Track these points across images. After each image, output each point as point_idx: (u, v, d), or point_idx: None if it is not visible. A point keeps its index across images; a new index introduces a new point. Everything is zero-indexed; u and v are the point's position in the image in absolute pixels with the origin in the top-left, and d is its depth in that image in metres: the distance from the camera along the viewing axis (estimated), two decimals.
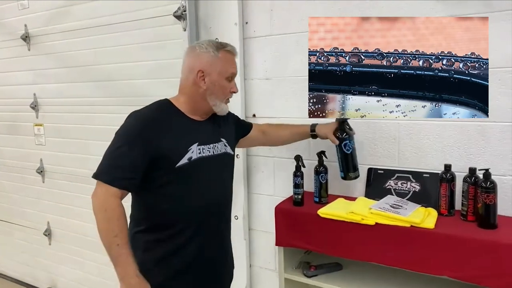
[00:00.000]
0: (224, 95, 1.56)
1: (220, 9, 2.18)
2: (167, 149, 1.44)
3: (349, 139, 1.77)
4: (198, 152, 1.50)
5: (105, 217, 1.38)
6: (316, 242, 1.74)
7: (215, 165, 1.58)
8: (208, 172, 1.54)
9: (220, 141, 1.62)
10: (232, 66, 1.56)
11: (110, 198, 1.38)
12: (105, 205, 1.38)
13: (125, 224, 1.41)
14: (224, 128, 1.68)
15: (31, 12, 3.06)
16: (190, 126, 1.54)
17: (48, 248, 3.35)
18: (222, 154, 1.61)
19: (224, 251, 1.70)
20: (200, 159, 1.50)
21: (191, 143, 1.49)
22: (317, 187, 1.86)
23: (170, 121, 1.50)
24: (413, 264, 1.54)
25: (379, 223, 1.58)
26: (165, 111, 1.53)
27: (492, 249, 1.40)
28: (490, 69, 1.58)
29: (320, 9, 1.93)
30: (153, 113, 1.51)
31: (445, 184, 1.62)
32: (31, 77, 3.17)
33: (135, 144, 1.41)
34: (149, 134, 1.43)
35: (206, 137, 1.56)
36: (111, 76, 2.72)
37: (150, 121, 1.46)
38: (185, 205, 1.50)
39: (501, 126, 1.61)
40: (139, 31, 2.50)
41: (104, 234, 1.38)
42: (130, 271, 1.37)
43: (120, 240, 1.37)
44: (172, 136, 1.47)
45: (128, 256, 1.38)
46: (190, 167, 1.47)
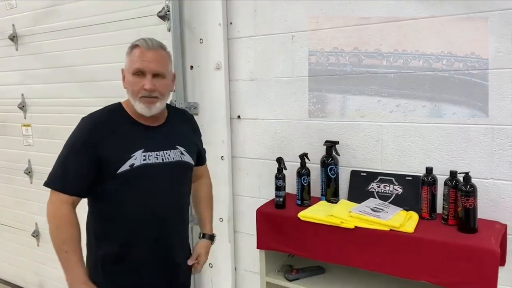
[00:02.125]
0: (134, 92, 1.45)
1: (205, 9, 2.16)
2: (109, 155, 1.41)
3: (335, 164, 1.80)
4: (142, 159, 1.45)
5: (54, 224, 1.39)
6: (296, 246, 1.72)
7: (164, 173, 1.50)
8: (154, 179, 1.48)
9: (175, 149, 1.54)
10: (136, 61, 1.44)
11: (61, 205, 1.38)
12: (55, 212, 1.38)
13: (75, 231, 1.40)
14: (184, 135, 1.62)
15: (19, 12, 3.04)
16: (138, 132, 1.49)
17: (37, 249, 3.32)
18: (175, 162, 1.53)
19: (173, 264, 1.60)
20: (144, 166, 1.45)
21: (135, 149, 1.45)
22: (299, 190, 1.84)
23: (116, 126, 1.47)
24: (392, 268, 1.52)
25: (358, 226, 1.56)
26: (114, 116, 1.50)
27: (471, 254, 1.38)
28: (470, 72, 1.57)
29: (302, 10, 1.91)
30: (100, 117, 1.48)
31: (426, 187, 1.60)
32: (19, 77, 3.15)
33: (81, 150, 1.41)
34: (93, 139, 1.41)
35: (155, 144, 1.50)
36: (98, 76, 2.69)
37: (94, 126, 1.45)
38: (130, 213, 1.45)
39: (482, 128, 1.58)
40: (124, 31, 2.48)
41: (54, 241, 1.39)
42: (78, 278, 1.38)
43: (68, 247, 1.37)
44: (116, 142, 1.43)
45: (77, 263, 1.38)
46: (132, 173, 1.42)
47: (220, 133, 2.20)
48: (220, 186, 2.24)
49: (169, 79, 1.54)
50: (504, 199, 1.58)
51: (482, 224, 1.51)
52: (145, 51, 1.45)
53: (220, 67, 2.14)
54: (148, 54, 1.45)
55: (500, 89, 1.54)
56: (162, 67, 1.48)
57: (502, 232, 1.51)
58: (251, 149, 2.17)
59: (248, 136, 2.17)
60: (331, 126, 1.90)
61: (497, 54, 1.53)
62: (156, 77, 1.46)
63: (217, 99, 2.19)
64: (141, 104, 1.45)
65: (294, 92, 1.99)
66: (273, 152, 2.08)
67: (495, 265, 1.35)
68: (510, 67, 1.51)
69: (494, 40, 1.53)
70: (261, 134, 2.12)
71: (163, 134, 1.54)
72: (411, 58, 1.68)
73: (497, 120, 1.56)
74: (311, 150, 1.93)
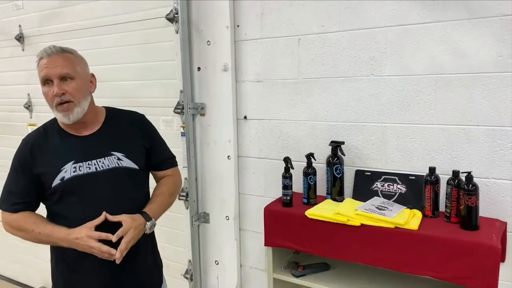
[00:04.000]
0: (49, 102, 1.45)
1: (212, 12, 2.21)
2: (42, 172, 1.46)
3: (340, 163, 1.85)
4: (72, 171, 1.45)
5: (19, 232, 1.47)
6: (303, 243, 1.78)
7: (99, 181, 1.47)
8: (90, 189, 1.46)
9: (110, 155, 1.51)
10: (42, 70, 1.42)
11: (12, 219, 1.48)
12: (10, 229, 1.49)
13: (31, 217, 1.46)
14: (124, 140, 1.57)
15: (25, 12, 3.08)
16: (68, 144, 1.49)
17: (42, 248, 3.32)
18: (110, 169, 1.49)
19: (131, 271, 1.53)
20: (74, 178, 1.44)
21: (64, 162, 1.45)
22: (305, 189, 1.89)
23: (48, 141, 1.50)
24: (397, 264, 1.57)
25: (364, 224, 1.61)
26: (46, 131, 1.53)
27: (473, 250, 1.44)
28: (472, 74, 1.63)
29: (308, 14, 1.96)
30: (33, 136, 1.53)
31: (429, 186, 1.66)
32: (25, 77, 3.18)
33: (18, 169, 1.49)
34: (26, 159, 1.47)
35: (86, 154, 1.48)
36: (104, 77, 2.71)
37: (26, 146, 1.49)
38: (72, 224, 1.42)
39: (484, 129, 1.64)
40: (132, 33, 2.53)
41: (31, 239, 1.46)
42: (61, 235, 1.41)
43: (37, 228, 1.43)
44: (47, 158, 1.47)
45: (52, 228, 1.42)
46: (64, 186, 1.44)
47: (226, 133, 2.26)
48: (226, 185, 2.30)
49: (83, 81, 1.49)
50: (504, 197, 1.64)
51: (483, 222, 1.57)
52: (47, 58, 1.42)
53: (227, 69, 2.19)
54: (51, 60, 1.42)
55: (501, 92, 1.60)
56: (68, 68, 1.43)
57: (502, 229, 1.57)
58: (257, 149, 2.22)
59: (254, 136, 2.22)
60: (337, 127, 1.96)
61: (498, 58, 1.59)
62: (65, 81, 1.43)
63: (224, 100, 2.24)
64: (59, 114, 1.45)
65: (300, 94, 2.04)
66: (278, 152, 2.14)
67: (496, 261, 1.40)
68: (510, 71, 1.57)
69: (495, 45, 1.59)
70: (267, 134, 2.18)
71: (96, 142, 1.52)
72: (415, 62, 1.74)
73: (497, 122, 1.61)
74: (317, 150, 1.98)
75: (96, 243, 1.37)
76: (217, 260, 2.40)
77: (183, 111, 2.28)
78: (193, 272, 2.40)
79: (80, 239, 1.38)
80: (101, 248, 1.37)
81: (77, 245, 1.39)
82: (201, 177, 2.38)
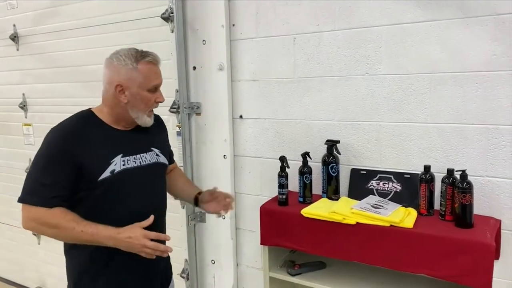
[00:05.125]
0: (146, 107, 1.49)
1: (208, 11, 2.21)
2: (88, 163, 1.39)
3: (336, 162, 1.86)
4: (122, 164, 1.45)
5: (51, 229, 1.37)
6: (299, 241, 1.78)
7: (143, 175, 1.51)
8: (135, 183, 1.49)
9: (150, 151, 1.56)
10: (154, 78, 1.47)
11: (47, 215, 1.36)
12: (42, 225, 1.37)
13: (69, 214, 1.37)
14: (157, 137, 1.63)
15: (20, 12, 3.07)
16: (114, 138, 1.49)
17: (37, 248, 3.35)
18: (152, 164, 1.54)
19: (157, 262, 1.54)
20: (124, 171, 1.45)
21: (114, 155, 1.44)
22: (301, 187, 1.90)
23: (91, 133, 1.44)
24: (392, 262, 1.58)
25: (360, 222, 1.62)
26: (86, 122, 1.47)
27: (468, 248, 1.45)
28: (467, 73, 1.63)
29: (304, 13, 1.96)
30: (73, 126, 1.45)
31: (424, 184, 1.66)
32: (20, 77, 3.18)
33: (58, 161, 1.38)
34: (69, 149, 1.39)
35: (132, 148, 1.50)
36: (99, 77, 2.70)
37: (69, 135, 1.42)
38: (112, 218, 1.41)
39: (478, 128, 1.65)
40: (126, 32, 2.52)
41: (65, 238, 1.40)
42: (109, 233, 1.35)
43: (78, 226, 1.34)
44: (94, 149, 1.42)
45: (96, 228, 1.35)
46: (113, 179, 1.42)
47: (222, 132, 2.26)
48: (222, 184, 2.29)
49: None
50: (498, 195, 1.65)
51: (477, 220, 1.58)
52: (156, 66, 1.49)
53: (222, 68, 2.19)
54: (158, 69, 1.50)
55: (495, 90, 1.61)
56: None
57: (496, 227, 1.58)
58: (253, 148, 2.23)
59: (250, 135, 2.23)
60: (332, 126, 1.96)
61: (492, 57, 1.60)
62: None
63: (219, 99, 2.24)
64: (147, 118, 1.51)
65: (295, 93, 2.04)
66: (274, 151, 2.14)
67: (490, 258, 1.42)
68: (504, 69, 1.58)
69: (489, 44, 1.59)
70: (263, 133, 2.18)
71: (138, 137, 1.54)
72: (410, 60, 1.75)
73: (491, 120, 1.62)
74: (312, 149, 1.99)
75: (152, 243, 1.35)
76: (213, 259, 2.40)
77: (178, 110, 2.28)
78: (189, 271, 2.40)
79: (134, 238, 1.34)
80: (159, 247, 1.36)
81: (128, 244, 1.35)
82: (197, 176, 2.38)
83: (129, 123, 1.52)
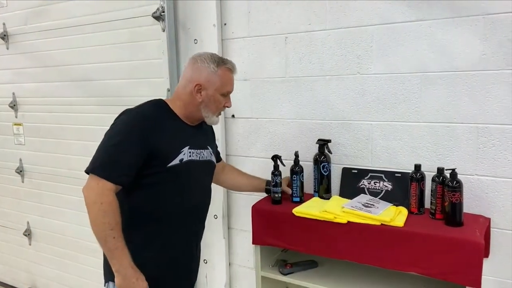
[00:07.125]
0: (217, 109, 1.62)
1: (199, 10, 2.20)
2: (162, 148, 1.49)
3: (327, 161, 1.86)
4: (188, 155, 1.55)
5: (101, 210, 1.38)
6: (291, 240, 1.78)
7: (200, 170, 1.64)
8: (194, 176, 1.60)
9: (207, 149, 1.68)
10: (229, 84, 1.61)
11: (106, 191, 1.39)
12: (101, 199, 1.38)
13: (120, 218, 1.42)
14: (210, 138, 1.78)
15: (10, 10, 3.04)
16: (183, 129, 1.59)
17: (28, 248, 3.32)
18: (207, 161, 1.67)
19: (198, 252, 1.76)
20: (189, 162, 1.55)
21: (183, 145, 1.54)
22: (296, 186, 1.89)
23: (165, 121, 1.54)
24: (383, 261, 1.59)
25: (351, 221, 1.62)
26: (161, 111, 1.57)
27: (457, 246, 1.45)
28: (457, 72, 1.65)
29: (295, 12, 1.97)
30: (151, 111, 1.54)
31: (415, 183, 1.67)
32: (10, 76, 3.14)
33: (134, 141, 1.44)
34: (147, 132, 1.47)
35: (196, 142, 1.61)
36: (90, 76, 2.71)
37: (148, 119, 1.50)
38: (171, 205, 1.54)
39: (468, 127, 1.66)
40: (118, 31, 2.51)
41: (101, 228, 1.39)
42: (125, 263, 1.41)
43: (116, 233, 1.39)
44: (167, 136, 1.51)
45: (124, 248, 1.41)
46: (180, 168, 1.52)
47: (215, 132, 2.24)
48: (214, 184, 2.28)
49: None
50: (487, 194, 1.66)
51: (467, 218, 1.59)
52: (233, 74, 1.63)
53: None
54: (233, 77, 1.64)
55: (484, 90, 1.62)
56: None
57: (486, 225, 1.59)
58: (245, 148, 2.22)
59: (242, 135, 2.22)
60: (324, 125, 1.97)
61: (481, 56, 1.61)
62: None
63: None
64: (216, 118, 1.64)
65: (287, 92, 2.05)
66: (266, 151, 2.14)
67: (479, 256, 1.42)
68: (493, 69, 1.60)
69: (478, 43, 1.61)
70: (255, 133, 2.18)
71: (200, 133, 1.67)
72: (401, 60, 1.75)
73: (481, 119, 1.64)
74: (304, 148, 1.99)
75: None
76: (205, 259, 2.40)
77: None
78: None
79: (135, 284, 1.42)
80: None
81: (126, 283, 1.42)
82: None
83: (196, 119, 1.63)
